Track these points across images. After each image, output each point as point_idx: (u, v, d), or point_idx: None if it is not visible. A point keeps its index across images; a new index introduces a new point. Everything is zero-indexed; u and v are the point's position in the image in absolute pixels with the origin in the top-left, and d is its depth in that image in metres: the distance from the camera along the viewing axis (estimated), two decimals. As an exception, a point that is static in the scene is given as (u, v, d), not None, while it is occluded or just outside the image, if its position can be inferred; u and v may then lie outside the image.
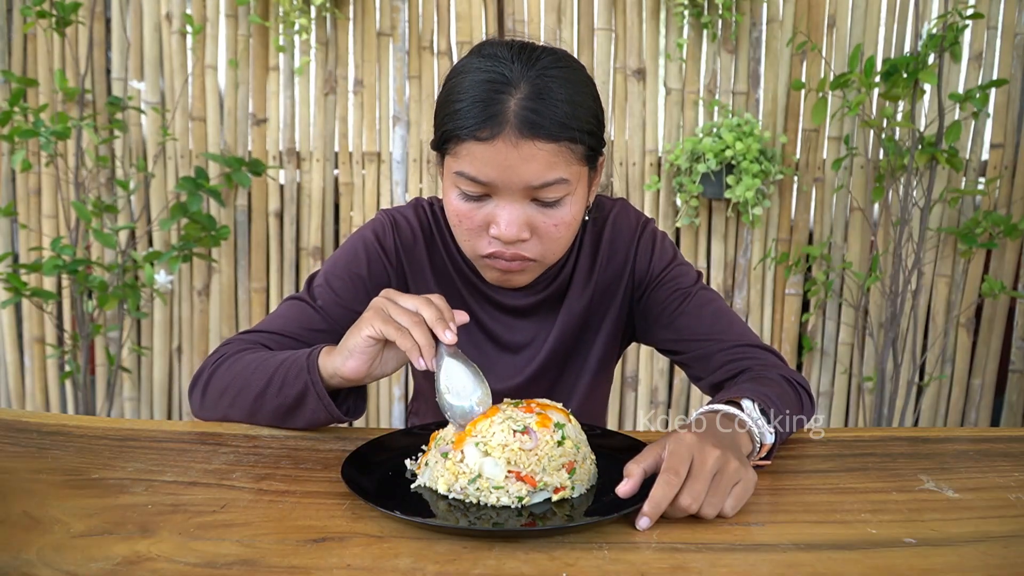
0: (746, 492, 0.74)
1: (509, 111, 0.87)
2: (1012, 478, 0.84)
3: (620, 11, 2.40)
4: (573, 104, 0.89)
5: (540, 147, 0.87)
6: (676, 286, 1.08)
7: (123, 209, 2.51)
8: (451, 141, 0.90)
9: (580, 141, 0.90)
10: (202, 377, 0.99)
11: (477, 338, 1.11)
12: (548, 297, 1.10)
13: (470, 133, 0.88)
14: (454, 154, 0.91)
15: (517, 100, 0.87)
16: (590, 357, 1.14)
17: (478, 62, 0.91)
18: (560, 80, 0.89)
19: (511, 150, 0.87)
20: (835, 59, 2.37)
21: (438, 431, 0.85)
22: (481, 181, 0.89)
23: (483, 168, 0.88)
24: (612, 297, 1.11)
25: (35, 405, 2.67)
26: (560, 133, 0.88)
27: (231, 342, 1.02)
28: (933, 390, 2.50)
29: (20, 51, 2.52)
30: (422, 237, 1.10)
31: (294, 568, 0.63)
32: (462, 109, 0.88)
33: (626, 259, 1.10)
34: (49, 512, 0.72)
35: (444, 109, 0.92)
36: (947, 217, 2.40)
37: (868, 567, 0.64)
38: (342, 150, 2.52)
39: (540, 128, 0.87)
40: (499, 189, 0.90)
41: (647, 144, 2.46)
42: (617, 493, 0.72)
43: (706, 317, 1.06)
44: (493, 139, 0.87)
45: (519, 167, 0.88)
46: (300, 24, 2.38)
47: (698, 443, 0.74)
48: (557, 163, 0.89)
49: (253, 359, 0.96)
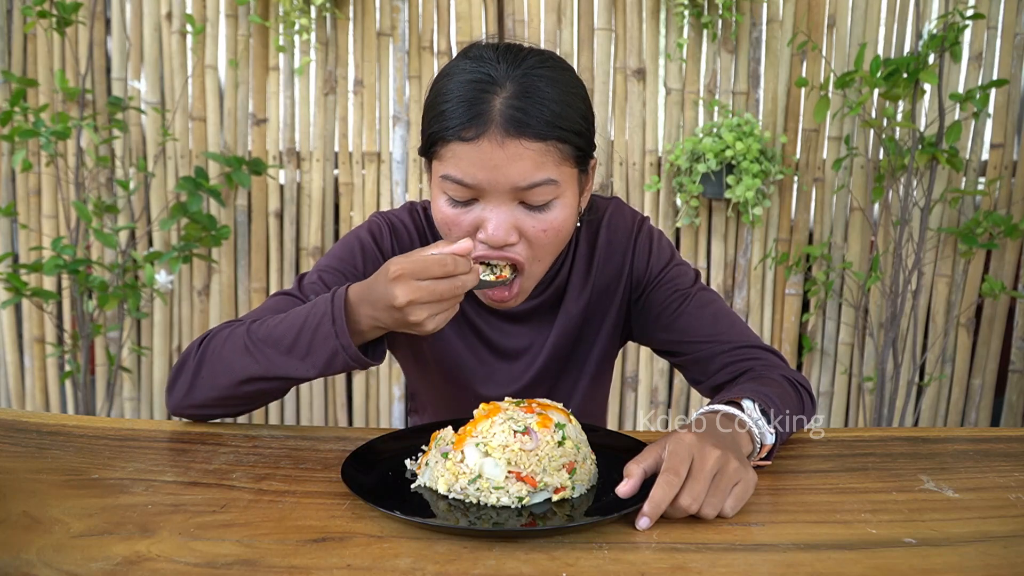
0: (746, 492, 0.74)
1: (494, 110, 0.85)
2: (1012, 478, 0.84)
3: (620, 11, 2.40)
4: (560, 103, 0.88)
5: (527, 146, 0.86)
6: (675, 287, 1.07)
7: (123, 209, 2.51)
8: (437, 144, 0.89)
9: (568, 141, 0.88)
10: (188, 362, 0.93)
11: (474, 345, 1.10)
12: (545, 301, 1.09)
13: (455, 133, 0.86)
14: (440, 157, 0.89)
15: (502, 99, 0.86)
16: (589, 360, 1.13)
17: (464, 64, 0.90)
18: (547, 79, 0.88)
19: (497, 150, 0.85)
20: (835, 59, 2.37)
21: (438, 431, 0.85)
22: (467, 183, 0.88)
23: (469, 169, 0.87)
24: (610, 299, 1.10)
25: (35, 405, 2.67)
26: (547, 132, 0.86)
27: (213, 329, 0.97)
28: (933, 390, 2.50)
29: (20, 51, 2.52)
30: (418, 241, 1.10)
31: (294, 568, 0.63)
32: (447, 110, 0.87)
33: (623, 260, 1.09)
34: (49, 512, 0.72)
35: (430, 112, 0.91)
36: (947, 217, 2.40)
37: (868, 567, 0.64)
38: (342, 150, 2.52)
39: (526, 127, 0.85)
40: (486, 191, 0.88)
41: (647, 144, 2.46)
42: (617, 493, 0.72)
43: (706, 319, 1.05)
44: (478, 139, 0.85)
45: (505, 167, 0.86)
46: (300, 24, 2.38)
47: (698, 443, 0.74)
48: (545, 163, 0.87)
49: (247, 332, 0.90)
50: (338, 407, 2.62)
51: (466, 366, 1.10)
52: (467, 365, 1.10)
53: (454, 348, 1.10)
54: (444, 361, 1.10)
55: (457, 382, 1.11)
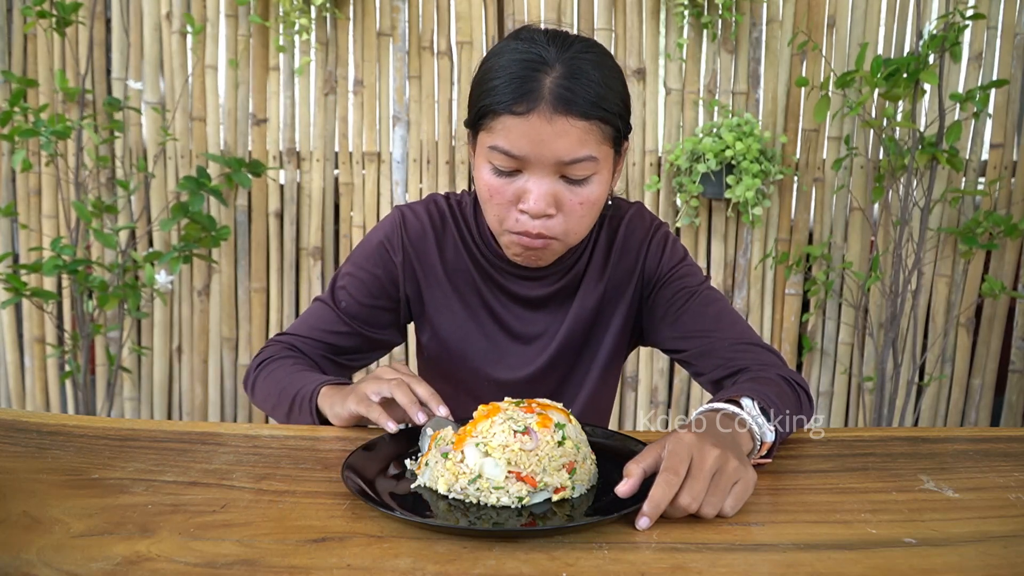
0: (746, 491, 0.74)
1: (544, 88, 0.90)
2: (1012, 478, 0.84)
3: (620, 11, 2.40)
4: (604, 86, 0.92)
5: (573, 123, 0.90)
6: (683, 284, 1.10)
7: (123, 209, 2.51)
8: (487, 116, 0.94)
9: (610, 122, 0.93)
10: (249, 380, 1.13)
11: (490, 328, 1.14)
12: (561, 289, 1.13)
13: (506, 107, 0.91)
14: (489, 129, 0.94)
15: (552, 78, 0.90)
16: (600, 353, 1.16)
17: (515, 44, 0.95)
18: (592, 63, 0.93)
19: (545, 125, 0.90)
20: (835, 59, 2.37)
21: (438, 431, 0.85)
22: (514, 155, 0.92)
23: (517, 142, 0.91)
24: (623, 294, 1.14)
25: (35, 405, 2.67)
26: (592, 112, 0.91)
27: (270, 345, 1.14)
28: (933, 390, 2.50)
29: (20, 51, 2.52)
30: (431, 231, 1.13)
31: (294, 568, 0.63)
32: (499, 85, 0.92)
33: (637, 258, 1.13)
34: (49, 512, 0.72)
35: (480, 87, 0.95)
36: (947, 217, 2.40)
37: (868, 567, 0.64)
38: (342, 150, 2.52)
39: (574, 105, 0.90)
40: (531, 164, 0.93)
41: (647, 144, 2.46)
42: (617, 493, 0.72)
43: (709, 315, 1.08)
44: (528, 113, 0.90)
45: (552, 142, 0.91)
46: (300, 24, 2.39)
47: (697, 443, 0.74)
48: (588, 140, 0.92)
49: (280, 378, 1.07)
50: (338, 407, 2.62)
51: (480, 348, 1.15)
52: (481, 347, 1.15)
53: (470, 331, 1.14)
54: (459, 343, 1.15)
55: (470, 366, 1.15)
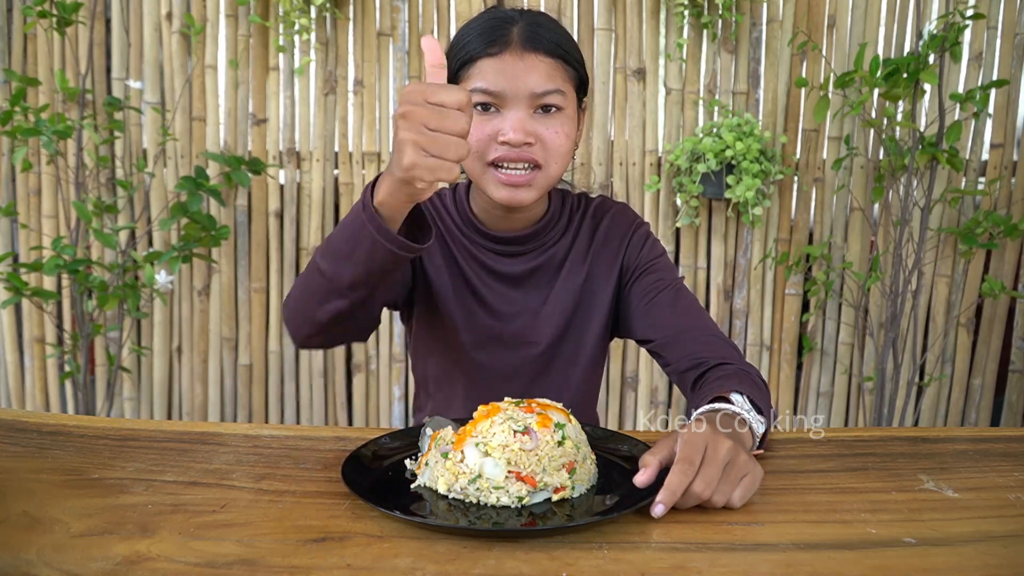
0: (753, 484, 0.76)
1: (513, 32, 1.04)
2: (1012, 478, 0.84)
3: (620, 11, 2.40)
4: (564, 37, 1.08)
5: (541, 59, 1.03)
6: (659, 277, 1.17)
7: (123, 209, 2.51)
8: (465, 66, 1.04)
9: (571, 65, 1.07)
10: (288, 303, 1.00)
11: (471, 305, 1.17)
12: (543, 265, 1.17)
13: (482, 51, 1.03)
14: (468, 76, 1.04)
15: (519, 26, 1.05)
16: (585, 342, 1.20)
17: (483, 13, 1.09)
18: (552, 21, 1.09)
19: (517, 61, 1.02)
20: (835, 59, 2.37)
21: (438, 431, 0.85)
22: (492, 91, 1.02)
23: (494, 79, 1.02)
24: (605, 282, 1.19)
25: (35, 405, 2.67)
26: (556, 51, 1.05)
27: None
28: (933, 390, 2.50)
29: (20, 51, 2.52)
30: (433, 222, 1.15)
31: (294, 568, 0.63)
32: (473, 38, 1.04)
33: (619, 249, 1.19)
34: (49, 512, 0.72)
35: (456, 46, 1.06)
36: (947, 217, 2.40)
37: (868, 567, 0.64)
38: (342, 150, 2.52)
39: (540, 43, 1.04)
40: (507, 99, 1.02)
41: (647, 144, 2.46)
42: (635, 483, 0.74)
43: (679, 308, 1.14)
44: (501, 53, 1.02)
45: (525, 76, 1.02)
46: (300, 24, 2.38)
47: (712, 434, 0.77)
48: (555, 76, 1.04)
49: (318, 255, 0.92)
50: (338, 407, 2.62)
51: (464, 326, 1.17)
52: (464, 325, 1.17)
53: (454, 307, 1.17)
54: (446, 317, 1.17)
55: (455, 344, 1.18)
